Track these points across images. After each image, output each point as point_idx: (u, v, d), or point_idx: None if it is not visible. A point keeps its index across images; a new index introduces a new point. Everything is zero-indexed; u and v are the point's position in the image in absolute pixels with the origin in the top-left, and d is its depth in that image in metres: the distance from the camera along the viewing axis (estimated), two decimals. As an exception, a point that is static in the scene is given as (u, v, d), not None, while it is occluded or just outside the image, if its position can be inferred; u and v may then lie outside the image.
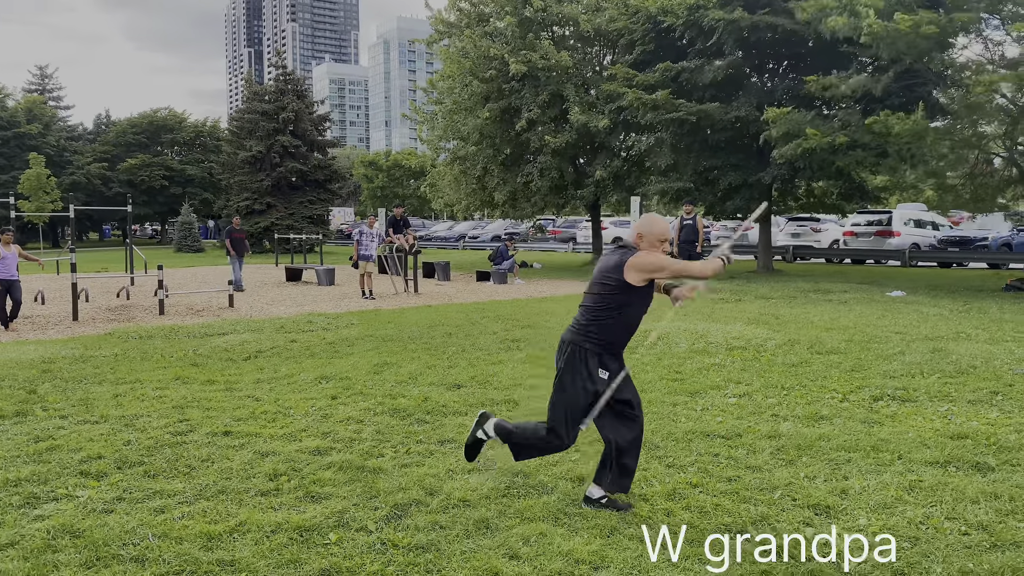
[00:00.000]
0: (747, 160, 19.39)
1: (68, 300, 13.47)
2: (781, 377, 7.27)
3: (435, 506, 4.15)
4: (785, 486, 4.43)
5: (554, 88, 21.20)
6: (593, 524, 3.89)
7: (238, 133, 41.11)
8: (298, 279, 20.26)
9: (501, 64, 21.08)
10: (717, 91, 19.03)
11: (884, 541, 3.64)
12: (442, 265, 20.46)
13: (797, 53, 19.03)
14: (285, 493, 4.35)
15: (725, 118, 18.33)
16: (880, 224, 25.78)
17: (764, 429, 5.54)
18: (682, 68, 19.03)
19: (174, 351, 9.03)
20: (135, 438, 5.42)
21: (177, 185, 54.07)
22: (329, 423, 5.80)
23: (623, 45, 21.56)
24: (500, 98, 21.81)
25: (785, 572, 3.39)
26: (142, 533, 3.79)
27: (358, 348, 9.18)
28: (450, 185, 25.26)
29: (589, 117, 20.33)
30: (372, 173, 65.61)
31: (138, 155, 54.26)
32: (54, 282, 19.00)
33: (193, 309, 13.58)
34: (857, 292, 15.23)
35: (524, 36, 21.74)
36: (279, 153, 38.34)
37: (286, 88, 39.72)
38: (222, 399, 6.58)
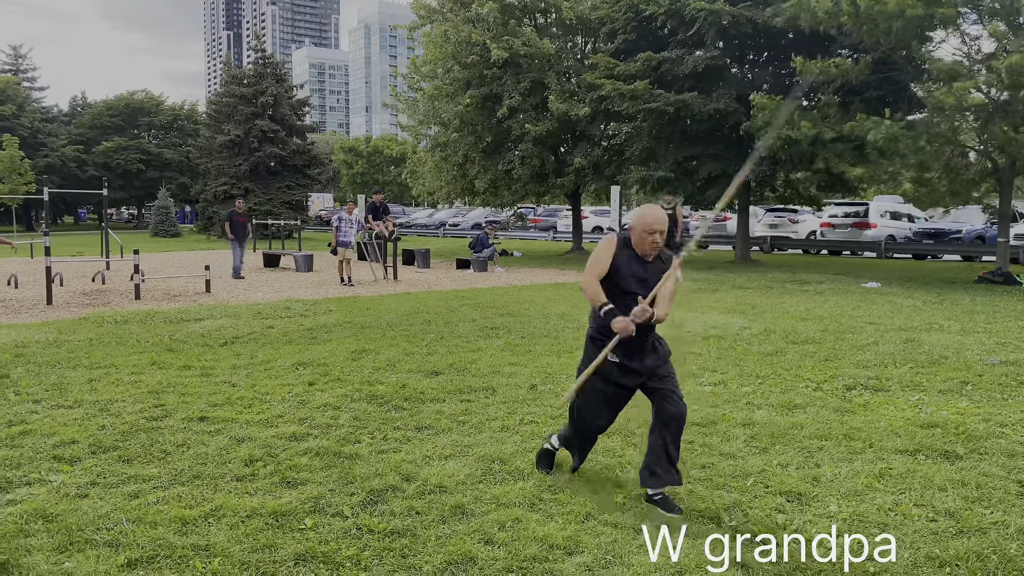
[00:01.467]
0: (726, 150, 19.48)
1: (42, 284, 13.30)
2: (756, 366, 7.35)
3: (411, 492, 4.16)
4: (758, 473, 4.48)
5: (536, 75, 21.16)
6: (568, 510, 3.92)
7: (216, 117, 40.67)
8: (276, 265, 20.15)
9: (483, 50, 21.00)
10: (698, 81, 19.09)
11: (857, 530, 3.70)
12: (422, 252, 20.41)
13: (777, 45, 19.11)
14: (261, 478, 4.34)
15: (704, 109, 18.40)
16: (857, 216, 26.05)
17: (738, 417, 5.60)
18: (663, 58, 19.06)
19: (150, 336, 8.96)
20: (110, 423, 5.38)
21: (154, 169, 53.45)
22: (306, 409, 5.79)
23: (605, 33, 21.55)
24: (481, 84, 21.74)
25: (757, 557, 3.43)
26: (116, 518, 3.77)
27: (336, 335, 9.15)
28: (431, 172, 25.17)
29: (569, 106, 20.32)
30: (352, 159, 65.25)
31: (114, 138, 53.57)
32: (28, 266, 18.75)
33: (169, 294, 13.46)
34: (833, 283, 15.39)
35: (506, 22, 21.66)
36: (257, 138, 37.98)
37: (265, 72, 39.32)
38: (198, 384, 6.54)
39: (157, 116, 57.08)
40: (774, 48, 19.57)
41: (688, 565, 3.36)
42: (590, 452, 4.48)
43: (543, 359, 7.70)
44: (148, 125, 57.22)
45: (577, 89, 21.50)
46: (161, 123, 57.50)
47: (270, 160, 38.65)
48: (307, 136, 42.39)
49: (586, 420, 4.27)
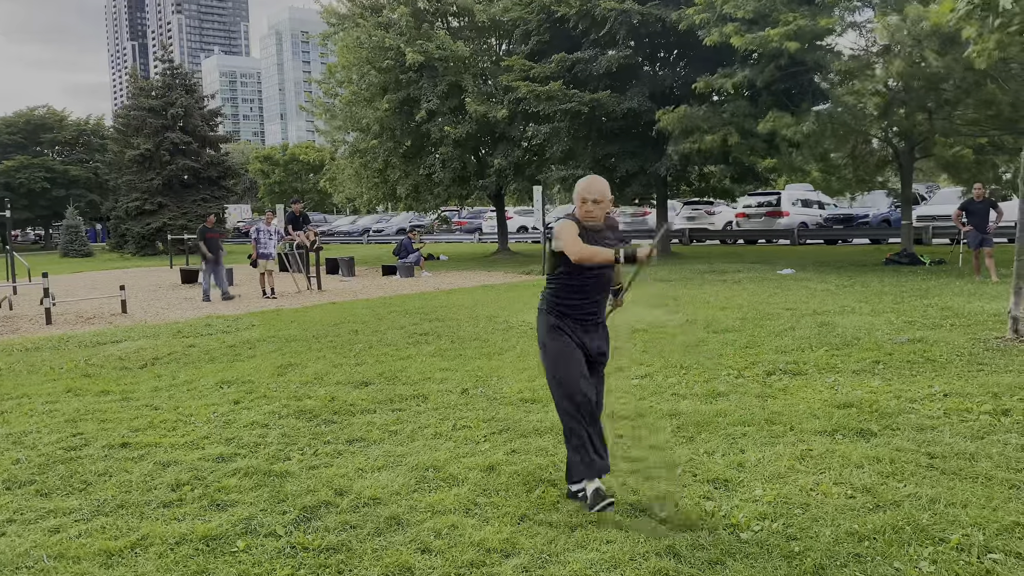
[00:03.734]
0: (643, 148, 19.87)
1: (-58, 313, 12.64)
2: (680, 356, 7.53)
3: (345, 506, 4.13)
4: (686, 462, 4.61)
5: (452, 78, 21.17)
6: (503, 512, 3.95)
7: (124, 131, 39.33)
8: (195, 281, 19.58)
9: (397, 54, 20.89)
10: (612, 80, 19.42)
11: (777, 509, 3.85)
12: (346, 260, 20.17)
13: (686, 43, 19.58)
14: (189, 503, 4.24)
15: (619, 108, 18.74)
16: (770, 205, 26.90)
17: (665, 408, 5.73)
18: (577, 58, 19.32)
19: (64, 362, 8.61)
20: (24, 456, 5.17)
21: (60, 187, 51.23)
22: (232, 429, 5.67)
23: (519, 35, 21.70)
24: (398, 89, 21.63)
25: (688, 544, 3.53)
26: (36, 555, 3.63)
27: (260, 350, 8.98)
28: (351, 179, 24.91)
29: (488, 107, 20.40)
30: (268, 168, 63.95)
31: (15, 156, 51.12)
32: (-74, 295, 17.76)
33: (83, 317, 12.96)
34: (750, 271, 15.87)
35: (419, 26, 21.61)
36: (169, 151, 36.89)
37: (174, 83, 38.24)
38: (118, 410, 6.33)
39: (61, 132, 54.74)
40: (684, 46, 20.04)
41: (622, 558, 3.44)
42: (601, 443, 4.06)
43: (474, 363, 7.72)
44: (52, 141, 54.83)
45: (494, 91, 21.60)
46: (65, 139, 55.16)
47: (183, 173, 37.60)
48: (221, 147, 41.37)
49: (569, 385, 4.04)
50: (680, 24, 16.91)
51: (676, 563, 3.40)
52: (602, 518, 3.82)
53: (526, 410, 5.87)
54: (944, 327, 8.63)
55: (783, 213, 26.48)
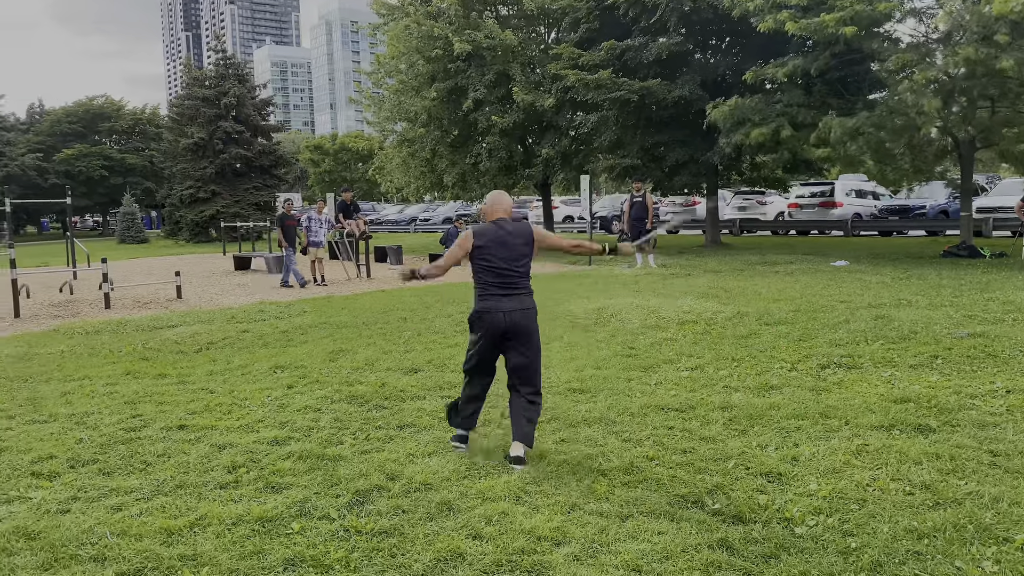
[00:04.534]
0: (693, 136, 19.61)
1: (8, 297, 13.06)
2: (731, 349, 7.44)
3: (397, 491, 4.17)
4: (738, 455, 4.55)
5: (500, 67, 21.13)
6: (554, 501, 3.95)
7: (179, 120, 40.19)
8: (247, 268, 19.97)
9: (446, 44, 20.93)
10: (662, 68, 19.18)
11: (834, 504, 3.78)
12: (394, 249, 20.34)
13: (739, 30, 19.24)
14: (245, 485, 4.33)
15: (669, 96, 18.51)
16: (823, 195, 26.36)
17: (716, 401, 5.67)
18: (627, 46, 19.12)
19: (123, 345, 8.85)
20: (87, 436, 5.33)
21: (117, 175, 52.64)
22: (286, 413, 5.77)
23: (568, 23, 21.57)
24: (446, 78, 21.68)
25: (741, 537, 3.50)
26: (100, 532, 3.74)
27: (312, 336, 9.11)
28: (399, 168, 25.08)
29: (535, 96, 20.33)
30: (319, 157, 64.73)
31: (75, 145, 52.68)
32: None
33: (140, 302, 13.30)
34: (803, 263, 15.59)
35: (467, 15, 21.61)
36: (222, 139, 37.60)
37: (227, 73, 38.91)
38: (175, 393, 6.49)
39: (118, 121, 56.22)
40: (736, 33, 19.70)
41: (674, 549, 3.41)
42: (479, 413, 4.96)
43: (521, 351, 7.71)
44: (109, 130, 56.36)
45: (542, 80, 21.51)
46: (123, 128, 56.65)
47: (236, 162, 38.29)
48: (272, 136, 42.02)
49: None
50: (733, 11, 16.61)
51: (729, 556, 3.36)
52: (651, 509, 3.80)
53: (574, 400, 5.86)
54: (1006, 322, 8.37)
55: (837, 203, 25.93)
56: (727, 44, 20.92)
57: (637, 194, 16.30)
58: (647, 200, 16.21)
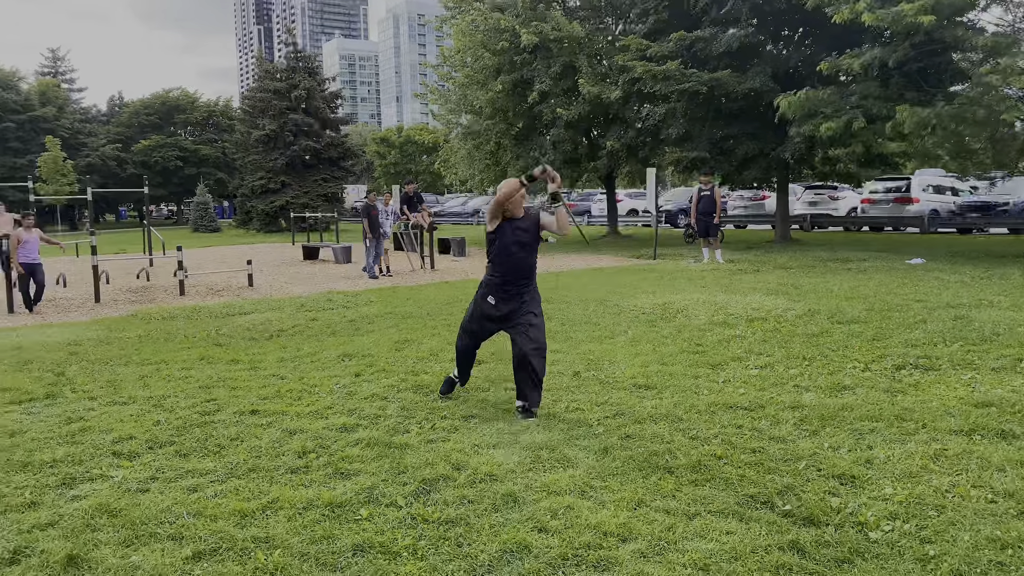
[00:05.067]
0: (763, 129, 19.20)
1: (89, 282, 13.61)
2: (802, 348, 7.27)
3: (462, 481, 4.20)
4: (809, 456, 4.44)
5: (566, 59, 21.01)
6: (620, 497, 3.92)
7: (251, 112, 41.16)
8: (315, 257, 20.36)
9: (512, 36, 20.91)
10: (732, 60, 18.81)
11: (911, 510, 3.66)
12: (458, 241, 20.47)
13: (813, 20, 18.73)
14: (315, 470, 4.42)
15: (739, 88, 18.15)
16: (898, 191, 25.51)
17: (787, 400, 5.55)
18: (696, 37, 18.79)
19: (197, 331, 9.13)
20: (164, 418, 5.51)
21: (191, 165, 54.33)
22: (354, 400, 5.87)
23: (636, 14, 21.32)
24: (512, 70, 21.66)
25: (812, 540, 3.42)
26: (177, 512, 3.87)
27: (378, 325, 9.24)
28: (463, 160, 25.19)
29: (601, 88, 20.16)
30: (385, 150, 65.55)
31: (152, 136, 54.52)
32: (74, 264, 19.18)
33: (213, 289, 13.68)
34: (876, 260, 15.14)
35: (535, 7, 21.55)
36: (292, 132, 38.36)
37: (297, 66, 39.65)
38: (247, 378, 6.66)
39: (192, 113, 57.95)
40: (810, 24, 19.17)
41: (743, 550, 3.35)
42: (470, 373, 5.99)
43: (584, 345, 7.69)
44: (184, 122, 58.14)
45: (609, 71, 21.32)
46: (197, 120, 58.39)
47: (305, 153, 39.03)
48: (340, 128, 42.67)
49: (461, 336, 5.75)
50: (807, 2, 16.18)
51: (800, 559, 3.29)
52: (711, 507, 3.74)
53: (640, 396, 5.81)
54: (1096, 325, 7.97)
55: (913, 199, 25.04)
56: (800, 35, 20.39)
57: (705, 188, 16.04)
58: (715, 194, 15.94)
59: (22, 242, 11.58)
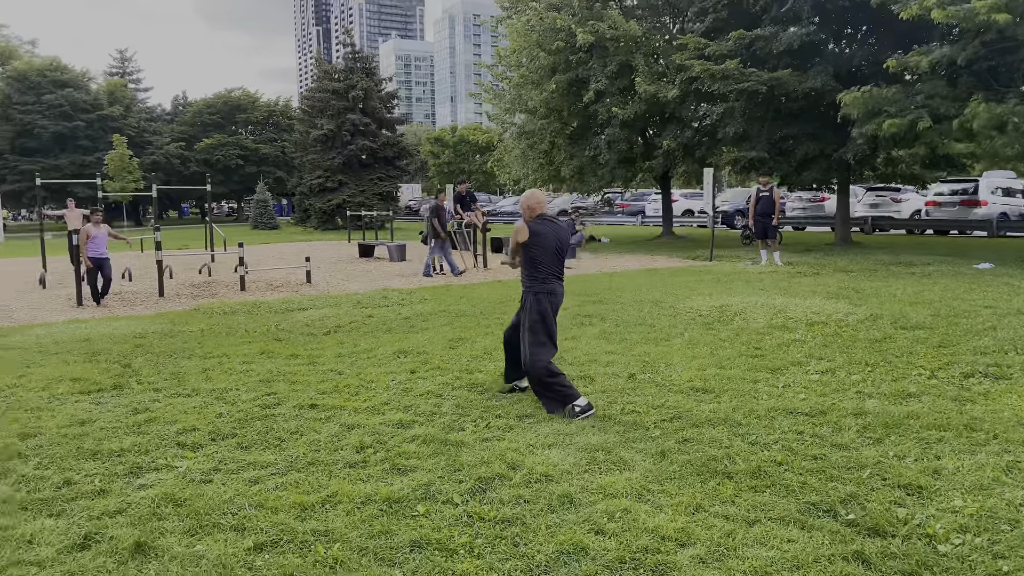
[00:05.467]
0: (824, 130, 18.80)
1: (153, 277, 13.99)
2: (865, 353, 7.09)
3: (518, 480, 4.20)
4: (874, 465, 4.33)
5: (623, 58, 20.86)
6: (677, 501, 3.88)
7: (309, 112, 41.83)
8: (371, 255, 20.60)
9: (568, 35, 20.84)
10: (793, 59, 18.45)
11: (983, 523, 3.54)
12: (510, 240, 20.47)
13: (877, 18, 18.26)
14: (372, 465, 4.46)
15: (799, 87, 17.78)
16: (965, 193, 24.72)
17: (849, 406, 5.42)
18: (756, 36, 18.48)
19: (257, 326, 9.31)
20: (226, 411, 5.63)
21: (252, 164, 55.49)
22: (410, 397, 5.91)
23: (694, 13, 21.06)
24: (567, 70, 21.59)
25: (878, 551, 3.33)
26: (239, 503, 3.95)
27: (432, 323, 9.31)
28: (517, 160, 25.20)
29: (658, 87, 19.96)
30: (439, 149, 66.04)
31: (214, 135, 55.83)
32: (139, 259, 19.75)
33: (272, 285, 13.95)
34: (942, 264, 14.69)
35: (591, 6, 21.45)
36: (350, 131, 38.88)
37: (355, 66, 40.16)
38: (306, 373, 6.77)
39: (253, 112, 59.19)
40: (875, 22, 18.69)
41: (805, 559, 3.28)
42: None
43: (640, 347, 7.62)
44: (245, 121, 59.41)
45: (666, 70, 21.10)
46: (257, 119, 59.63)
47: (362, 153, 39.52)
48: (396, 128, 43.09)
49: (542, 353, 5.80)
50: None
51: (865, 570, 3.21)
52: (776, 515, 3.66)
53: (697, 399, 5.73)
54: None
55: (980, 202, 24.25)
56: (863, 33, 19.89)
57: (764, 188, 15.77)
58: (774, 195, 15.66)
59: (91, 237, 11.95)
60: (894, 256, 16.50)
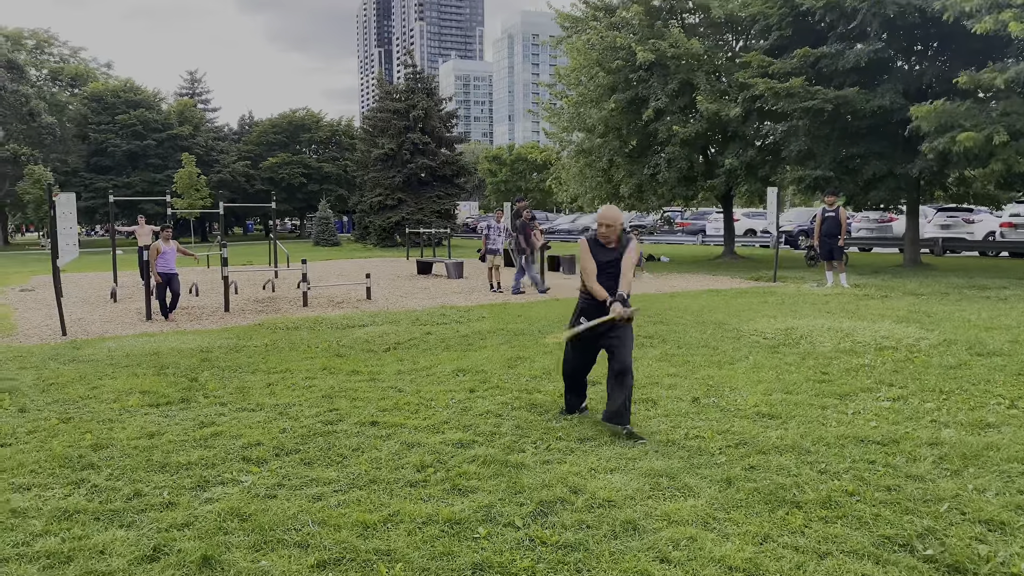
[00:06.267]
0: (892, 149, 18.33)
1: (219, 292, 14.34)
2: (938, 380, 6.83)
3: (580, 505, 4.13)
4: (952, 498, 4.15)
5: (683, 76, 20.73)
6: (744, 531, 3.77)
7: (371, 131, 42.57)
8: (428, 272, 20.77)
9: (628, 54, 20.81)
10: (860, 76, 18.07)
11: (1073, 564, 3.35)
12: (568, 259, 20.45)
13: (948, 34, 17.79)
14: (433, 485, 4.45)
15: (867, 106, 17.39)
16: (1042, 214, 23.81)
17: (924, 436, 5.21)
18: (822, 53, 18.17)
19: (319, 342, 9.44)
20: (289, 426, 5.70)
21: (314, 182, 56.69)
22: (469, 416, 5.90)
23: (757, 30, 20.82)
24: (627, 88, 21.55)
25: (960, 592, 3.17)
26: (303, 519, 3.97)
27: (490, 341, 9.30)
28: (575, 178, 25.20)
29: (720, 105, 19.76)
30: (496, 168, 66.48)
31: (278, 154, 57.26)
32: (205, 275, 20.27)
33: (333, 301, 14.15)
34: (1018, 288, 14.12)
35: (652, 25, 21.40)
36: (409, 150, 39.43)
37: (416, 87, 40.77)
38: (367, 389, 6.82)
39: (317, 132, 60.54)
40: (945, 38, 18.21)
41: (882, 596, 3.15)
42: (585, 396, 6.01)
43: (703, 370, 7.48)
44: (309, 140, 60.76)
45: (728, 88, 20.88)
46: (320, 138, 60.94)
47: (421, 171, 40.03)
48: (455, 147, 43.53)
49: (567, 364, 5.84)
50: (945, 14, 15.35)
51: (947, 610, 3.06)
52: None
53: (764, 425, 5.58)
54: None
55: (1058, 224, 23.33)
56: (934, 50, 19.38)
57: (830, 208, 15.42)
58: (840, 215, 15.29)
59: (160, 253, 12.31)
60: (967, 279, 15.95)
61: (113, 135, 51.36)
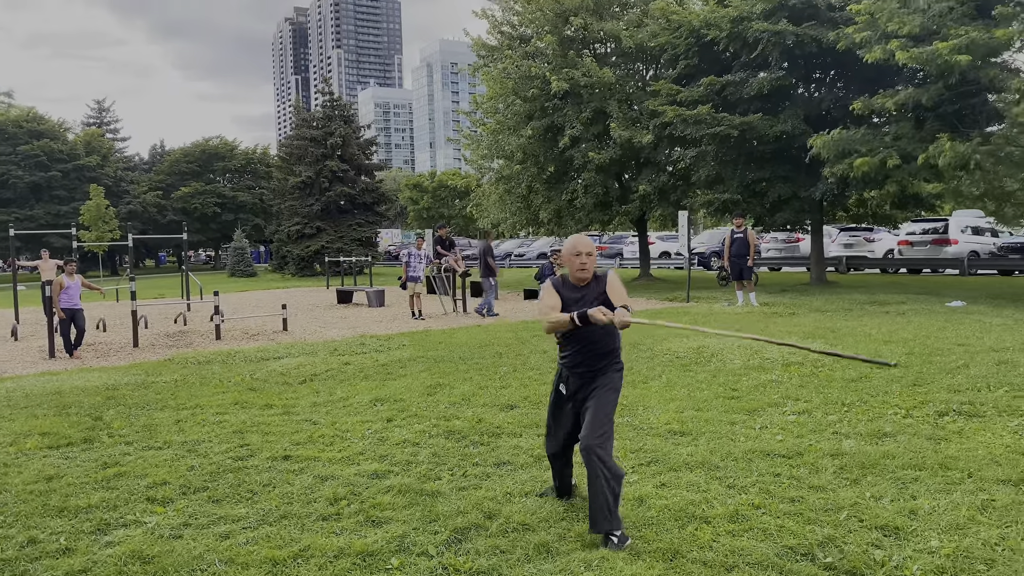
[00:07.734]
0: (795, 172, 19.14)
1: (128, 327, 13.84)
2: (841, 393, 7.12)
3: (494, 530, 4.14)
4: (851, 506, 4.32)
5: (597, 104, 21.21)
6: (655, 548, 3.84)
7: (287, 159, 42.00)
8: (349, 301, 20.53)
9: (543, 83, 21.19)
10: (763, 103, 18.85)
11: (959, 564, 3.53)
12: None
13: (844, 63, 18.75)
14: (346, 517, 4.39)
15: (770, 131, 18.15)
16: (936, 232, 25.17)
17: (826, 447, 5.42)
18: (727, 81, 18.89)
19: (232, 376, 9.20)
20: (198, 463, 5.53)
21: (229, 212, 55.41)
22: (386, 446, 5.85)
23: (666, 60, 21.51)
24: (543, 116, 21.91)
25: (856, 597, 3.30)
26: (209, 559, 3.85)
27: (410, 369, 9.25)
28: (495, 204, 25.40)
29: (633, 132, 20.28)
30: (418, 195, 66.37)
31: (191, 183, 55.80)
32: (114, 309, 19.54)
33: (248, 333, 13.83)
34: (915, 303, 14.87)
35: (565, 54, 21.85)
36: (328, 178, 39.02)
37: (333, 114, 40.47)
38: (280, 423, 6.68)
39: (231, 160, 59.29)
40: (841, 66, 19.19)
41: (784, 605, 3.25)
42: (568, 478, 4.60)
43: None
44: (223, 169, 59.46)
45: (640, 116, 21.45)
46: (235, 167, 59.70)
47: (340, 199, 39.64)
48: (375, 174, 43.31)
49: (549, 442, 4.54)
50: (839, 44, 16.21)
51: (844, 615, 3.18)
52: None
53: (675, 442, 5.71)
54: None
55: (951, 241, 24.69)
56: (831, 77, 20.39)
57: (738, 230, 15.96)
58: (748, 236, 15.84)
59: (64, 287, 11.83)
60: (868, 295, 16.69)
61: (15, 166, 49.17)
